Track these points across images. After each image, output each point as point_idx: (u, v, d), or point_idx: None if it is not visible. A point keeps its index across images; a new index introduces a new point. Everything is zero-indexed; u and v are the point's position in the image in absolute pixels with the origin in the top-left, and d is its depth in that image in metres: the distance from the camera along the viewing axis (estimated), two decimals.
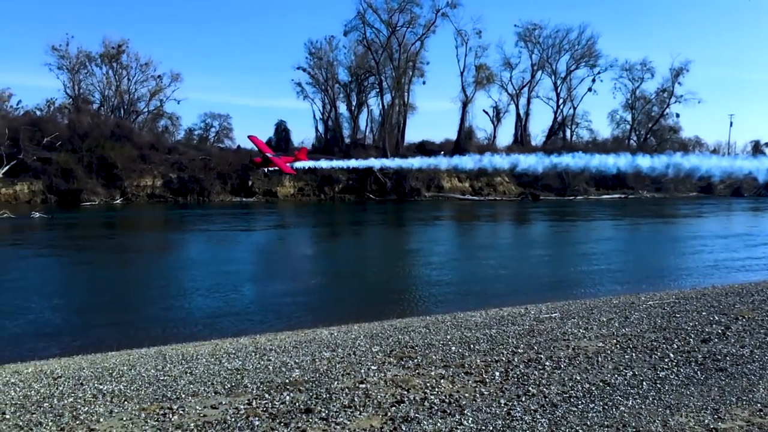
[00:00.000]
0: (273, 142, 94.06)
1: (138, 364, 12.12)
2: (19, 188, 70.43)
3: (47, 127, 76.19)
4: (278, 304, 20.84)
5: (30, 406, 9.07)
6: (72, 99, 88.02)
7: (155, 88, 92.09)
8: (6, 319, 18.20)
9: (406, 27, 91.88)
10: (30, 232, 43.79)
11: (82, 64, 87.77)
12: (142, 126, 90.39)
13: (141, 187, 76.58)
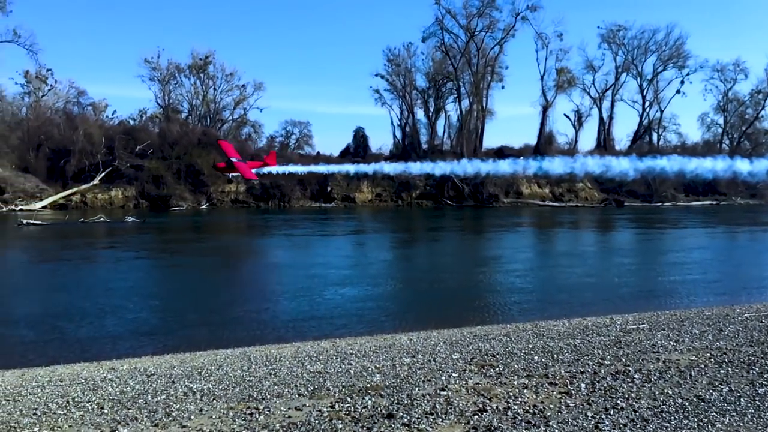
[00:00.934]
0: (351, 148, 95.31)
1: (225, 364, 12.52)
2: (114, 194, 74.47)
3: (140, 136, 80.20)
4: (358, 308, 21.04)
5: (126, 402, 9.52)
6: (162, 109, 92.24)
7: (239, 97, 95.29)
8: (107, 318, 19.27)
9: (485, 32, 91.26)
10: (124, 235, 46.12)
11: (172, 76, 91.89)
12: (226, 134, 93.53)
13: (225, 192, 79.32)
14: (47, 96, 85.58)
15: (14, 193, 68.74)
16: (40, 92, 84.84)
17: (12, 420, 8.70)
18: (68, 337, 16.99)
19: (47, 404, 9.51)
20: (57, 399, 9.84)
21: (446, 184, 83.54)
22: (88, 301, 21.88)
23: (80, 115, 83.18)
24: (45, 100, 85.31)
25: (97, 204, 72.00)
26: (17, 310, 20.51)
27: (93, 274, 29.17)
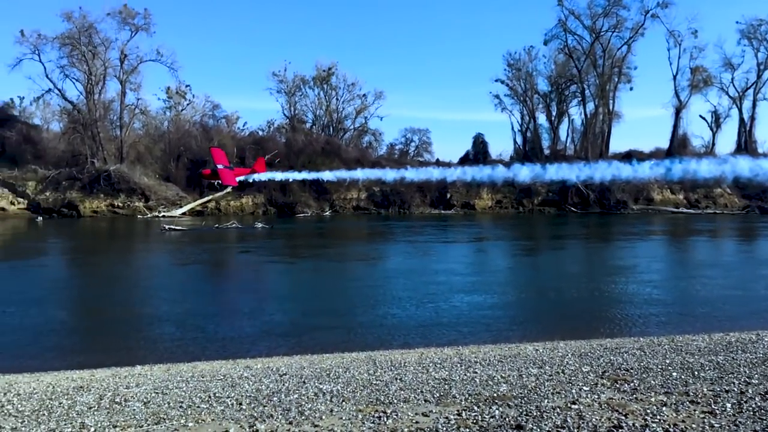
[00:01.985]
0: (471, 154, 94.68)
1: (351, 367, 12.81)
2: (244, 201, 78.64)
3: (268, 146, 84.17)
4: (481, 316, 20.83)
5: (262, 399, 9.99)
6: (288, 119, 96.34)
7: (360, 106, 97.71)
8: (242, 318, 20.38)
9: (612, 31, 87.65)
10: (255, 240, 48.54)
11: (298, 87, 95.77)
12: (348, 142, 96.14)
13: (347, 199, 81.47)
14: (186, 110, 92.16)
15: (157, 200, 74.43)
16: (179, 107, 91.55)
17: (161, 412, 9.37)
18: (208, 335, 18.12)
19: (192, 398, 10.17)
20: (200, 393, 10.50)
21: (570, 191, 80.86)
22: (225, 302, 23.28)
23: (215, 127, 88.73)
24: (184, 114, 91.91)
25: (230, 210, 76.36)
26: (164, 310, 22.14)
27: (229, 277, 30.99)
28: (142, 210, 73.47)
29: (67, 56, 76.08)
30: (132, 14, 77.16)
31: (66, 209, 71.63)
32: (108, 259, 38.47)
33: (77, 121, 78.64)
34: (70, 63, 76.70)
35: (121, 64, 78.52)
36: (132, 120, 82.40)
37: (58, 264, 38.05)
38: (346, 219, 73.78)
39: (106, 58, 77.88)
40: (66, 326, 20.68)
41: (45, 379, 13.03)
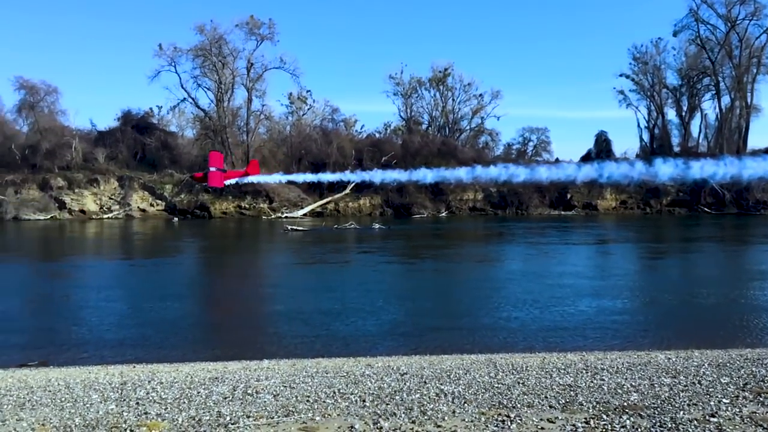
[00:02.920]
0: (593, 153, 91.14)
1: (472, 369, 12.73)
2: (362, 202, 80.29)
3: (385, 147, 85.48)
4: (607, 321, 19.98)
5: (384, 397, 10.15)
6: (405, 121, 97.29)
7: (477, 107, 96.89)
8: (364, 317, 20.79)
9: (749, 19, 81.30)
10: (373, 241, 49.37)
11: (414, 89, 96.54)
12: (464, 143, 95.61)
13: (464, 200, 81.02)
14: (307, 114, 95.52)
15: (280, 202, 77.66)
16: (301, 111, 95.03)
17: (290, 405, 9.77)
18: (331, 333, 18.66)
19: (317, 393, 10.53)
20: (325, 389, 10.84)
21: (703, 190, 75.76)
22: (347, 301, 23.79)
23: (334, 130, 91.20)
24: (305, 118, 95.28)
25: (348, 212, 78.23)
26: (289, 307, 23.02)
27: (350, 276, 31.69)
28: (266, 211, 76.92)
29: (200, 67, 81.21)
30: (258, 24, 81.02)
31: (198, 210, 76.39)
32: (237, 258, 40.59)
33: (208, 128, 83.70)
34: (203, 73, 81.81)
35: (247, 73, 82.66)
36: (257, 125, 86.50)
37: (192, 262, 40.65)
38: (463, 220, 73.38)
39: (234, 67, 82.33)
40: (200, 320, 22.07)
41: (183, 370, 13.96)
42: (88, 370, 14.43)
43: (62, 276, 32.71)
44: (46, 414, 9.59)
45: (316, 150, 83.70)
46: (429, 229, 62.03)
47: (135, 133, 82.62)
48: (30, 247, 48.64)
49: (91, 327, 19.93)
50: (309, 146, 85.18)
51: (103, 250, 47.62)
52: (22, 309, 23.87)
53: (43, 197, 73.47)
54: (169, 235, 58.77)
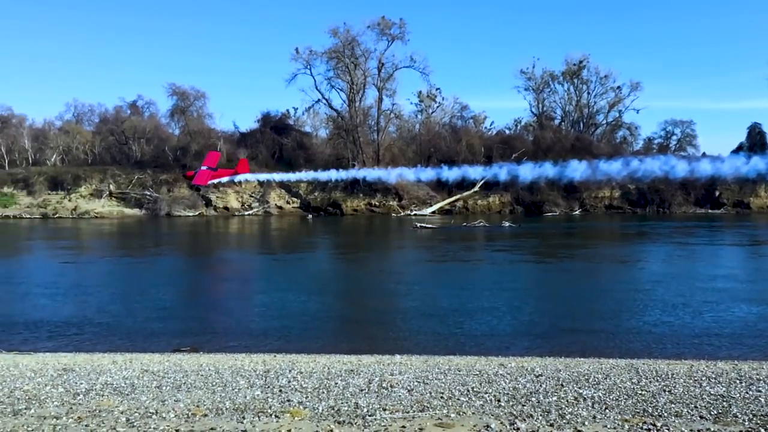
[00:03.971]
0: (745, 147, 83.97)
1: (612, 373, 12.18)
2: (491, 200, 79.38)
3: (515, 144, 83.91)
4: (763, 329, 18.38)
5: (520, 398, 9.96)
6: (536, 117, 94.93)
7: (614, 100, 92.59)
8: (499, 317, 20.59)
9: None
10: (503, 239, 48.65)
11: (546, 84, 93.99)
12: (600, 138, 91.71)
13: (599, 198, 77.79)
14: (436, 112, 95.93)
15: (409, 199, 78.56)
16: (430, 109, 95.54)
17: (424, 400, 9.85)
18: (464, 331, 18.64)
19: (451, 390, 10.53)
20: (458, 386, 10.83)
21: None
22: (481, 299, 23.65)
23: (463, 127, 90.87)
24: (434, 116, 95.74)
25: (477, 209, 77.64)
26: (421, 304, 23.24)
27: (484, 274, 31.48)
28: (395, 209, 78.12)
29: (333, 69, 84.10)
30: (389, 25, 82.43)
31: (331, 208, 79.09)
32: (369, 254, 41.60)
33: (340, 128, 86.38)
34: (336, 74, 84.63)
35: (378, 73, 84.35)
36: (387, 124, 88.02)
37: (327, 257, 42.12)
38: (598, 219, 70.41)
39: (366, 67, 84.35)
40: (335, 314, 22.82)
41: (320, 361, 14.51)
42: (234, 357, 15.40)
43: (210, 268, 35.13)
44: (199, 396, 10.33)
45: (445, 148, 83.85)
46: (562, 227, 60.17)
47: (273, 133, 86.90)
48: (181, 242, 52.69)
49: (237, 317, 21.27)
50: (438, 144, 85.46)
51: (245, 245, 50.62)
52: (175, 299, 25.91)
53: (191, 195, 79.23)
54: (304, 231, 61.30)
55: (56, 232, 59.75)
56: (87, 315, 21.55)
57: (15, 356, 16.05)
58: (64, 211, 76.96)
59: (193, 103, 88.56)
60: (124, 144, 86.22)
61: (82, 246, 49.05)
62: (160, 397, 10.33)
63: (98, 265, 36.91)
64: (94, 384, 11.48)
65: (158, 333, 19.20)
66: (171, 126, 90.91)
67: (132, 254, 42.06)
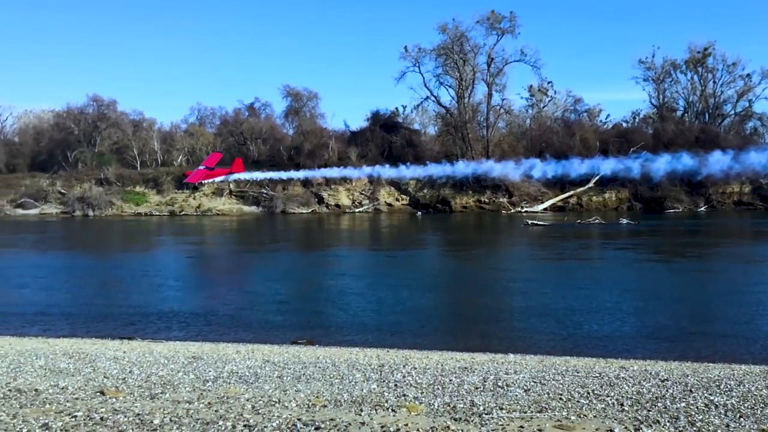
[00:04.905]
0: None
1: (745, 380, 11.40)
2: (607, 196, 76.29)
3: (633, 138, 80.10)
4: None
5: (644, 403, 9.52)
6: (656, 108, 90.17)
7: (743, 89, 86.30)
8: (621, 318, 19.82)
9: None
10: (621, 237, 46.57)
11: (667, 73, 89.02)
12: (727, 129, 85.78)
13: (726, 194, 72.81)
14: (547, 106, 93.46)
15: (520, 196, 77.01)
16: (541, 104, 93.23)
17: (542, 401, 9.63)
18: (583, 331, 18.06)
19: (570, 392, 10.24)
20: (578, 388, 10.50)
21: None
22: (601, 299, 22.82)
23: (576, 121, 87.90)
24: (546, 110, 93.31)
25: (592, 206, 74.89)
26: (536, 302, 22.73)
27: (603, 274, 30.30)
28: (506, 205, 76.84)
29: (442, 65, 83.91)
30: (498, 19, 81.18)
31: (440, 205, 79.00)
32: (480, 251, 41.24)
33: (449, 124, 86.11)
34: (444, 71, 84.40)
35: (488, 68, 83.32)
36: (497, 120, 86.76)
37: (437, 254, 42.14)
38: (726, 216, 65.84)
39: (475, 63, 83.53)
40: (448, 311, 22.82)
41: (433, 357, 14.57)
42: (349, 351, 15.77)
43: (324, 264, 36.13)
44: (318, 388, 10.67)
45: (557, 143, 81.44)
46: (686, 225, 56.76)
47: (382, 132, 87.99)
48: (296, 238, 54.60)
49: (351, 312, 21.76)
50: (550, 139, 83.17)
51: (357, 241, 51.67)
52: (292, 293, 26.90)
53: (305, 193, 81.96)
54: (414, 228, 61.68)
55: (182, 228, 63.71)
56: (213, 307, 22.84)
57: (149, 344, 17.29)
58: (189, 209, 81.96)
59: (306, 103, 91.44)
60: (242, 144, 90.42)
61: (206, 242, 52.03)
62: (281, 386, 10.77)
63: (221, 259, 39.03)
64: (221, 372, 12.15)
65: (277, 325, 20.02)
66: (285, 126, 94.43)
67: (251, 249, 44.09)
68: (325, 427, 7.95)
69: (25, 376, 11.62)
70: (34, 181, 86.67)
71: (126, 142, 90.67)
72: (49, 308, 23.03)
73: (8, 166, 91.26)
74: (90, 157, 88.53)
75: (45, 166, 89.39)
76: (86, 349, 15.66)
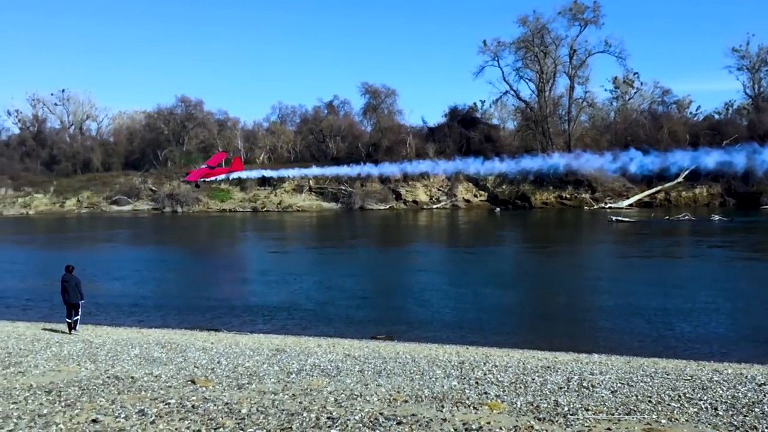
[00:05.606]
0: None
1: None
2: (698, 191, 72.82)
3: (726, 130, 75.99)
4: None
5: (741, 408, 9.06)
6: (751, 99, 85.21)
7: None
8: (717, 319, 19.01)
9: None
10: (713, 234, 44.27)
11: (763, 62, 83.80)
12: None
13: None
14: (633, 99, 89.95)
15: (603, 192, 74.60)
16: (626, 96, 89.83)
17: (630, 403, 9.31)
18: (674, 332, 17.36)
19: (659, 394, 9.86)
20: (668, 391, 10.10)
21: None
22: (697, 300, 21.85)
23: (664, 113, 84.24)
24: (631, 102, 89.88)
25: (681, 202, 71.65)
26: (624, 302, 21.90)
27: (698, 273, 28.89)
28: (588, 201, 74.66)
29: (522, 59, 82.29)
30: (581, 9, 78.79)
31: (519, 201, 77.60)
32: (561, 249, 40.29)
33: (529, 119, 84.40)
34: (524, 65, 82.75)
35: (570, 60, 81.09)
36: (579, 113, 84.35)
37: (517, 251, 41.35)
38: None
39: (556, 55, 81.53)
40: (529, 309, 22.43)
41: (514, 356, 14.37)
42: (428, 347, 15.79)
43: (403, 260, 36.26)
44: (399, 383, 10.74)
45: (644, 136, 78.14)
46: None
47: (460, 127, 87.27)
48: (374, 234, 55.08)
49: (430, 308, 21.76)
50: (636, 132, 80.00)
51: (435, 238, 51.58)
52: (371, 288, 27.17)
53: (383, 189, 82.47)
54: (492, 225, 60.94)
55: (264, 224, 65.49)
56: (295, 301, 23.38)
57: (235, 336, 17.91)
58: (270, 205, 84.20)
59: (384, 100, 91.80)
60: (321, 142, 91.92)
61: (288, 237, 53.28)
62: (363, 381, 10.90)
63: (302, 254, 39.84)
64: (304, 365, 12.43)
65: (357, 320, 20.26)
66: (363, 123, 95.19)
67: (331, 245, 44.82)
68: (406, 422, 7.99)
69: (122, 364, 12.28)
70: (127, 179, 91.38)
71: (211, 141, 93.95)
72: (142, 300, 24.23)
73: (104, 165, 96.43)
74: (178, 156, 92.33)
75: (137, 164, 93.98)
76: (177, 339, 16.39)
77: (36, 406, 8.62)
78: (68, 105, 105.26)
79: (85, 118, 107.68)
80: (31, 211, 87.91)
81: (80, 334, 16.95)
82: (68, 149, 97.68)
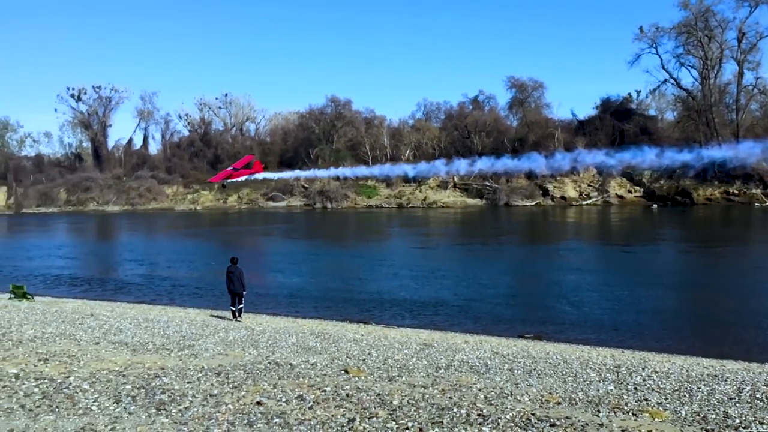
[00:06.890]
0: None
1: None
2: None
3: None
4: None
5: None
6: None
7: None
8: None
9: None
10: None
11: None
12: None
13: None
14: None
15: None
16: None
17: None
18: None
19: None
20: None
21: None
22: None
23: None
24: None
25: None
26: None
27: None
28: (759, 197, 68.17)
29: (683, 44, 76.73)
30: None
31: (679, 197, 72.48)
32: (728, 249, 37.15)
33: (691, 108, 78.53)
34: (686, 51, 77.18)
35: (738, 44, 74.43)
36: (749, 102, 77.22)
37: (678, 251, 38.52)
38: None
39: (723, 39, 75.23)
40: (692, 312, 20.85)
41: (676, 362, 13.44)
42: (580, 349, 15.21)
43: (552, 258, 35.21)
44: (551, 384, 10.43)
45: None
46: None
47: (613, 119, 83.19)
48: (521, 231, 54.00)
49: (583, 308, 20.96)
50: None
51: (586, 235, 49.60)
52: (520, 286, 26.69)
53: (529, 185, 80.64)
54: (649, 223, 57.47)
55: (410, 220, 66.47)
56: (441, 297, 23.52)
57: (383, 329, 18.34)
58: (415, 201, 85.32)
59: (531, 94, 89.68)
60: (466, 138, 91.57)
61: (433, 233, 53.68)
62: (512, 379, 10.72)
63: (448, 250, 39.97)
64: (452, 360, 12.46)
65: (504, 318, 19.98)
66: (509, 118, 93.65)
67: (476, 241, 44.55)
68: (560, 425, 7.75)
69: (281, 351, 13.01)
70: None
71: (359, 139, 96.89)
72: (297, 291, 25.54)
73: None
74: (328, 154, 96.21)
75: (291, 162, 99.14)
76: (329, 330, 17.09)
77: (207, 386, 9.36)
78: (230, 108, 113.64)
79: (245, 119, 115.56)
80: (198, 206, 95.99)
81: (243, 321, 18.20)
82: (230, 149, 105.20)
